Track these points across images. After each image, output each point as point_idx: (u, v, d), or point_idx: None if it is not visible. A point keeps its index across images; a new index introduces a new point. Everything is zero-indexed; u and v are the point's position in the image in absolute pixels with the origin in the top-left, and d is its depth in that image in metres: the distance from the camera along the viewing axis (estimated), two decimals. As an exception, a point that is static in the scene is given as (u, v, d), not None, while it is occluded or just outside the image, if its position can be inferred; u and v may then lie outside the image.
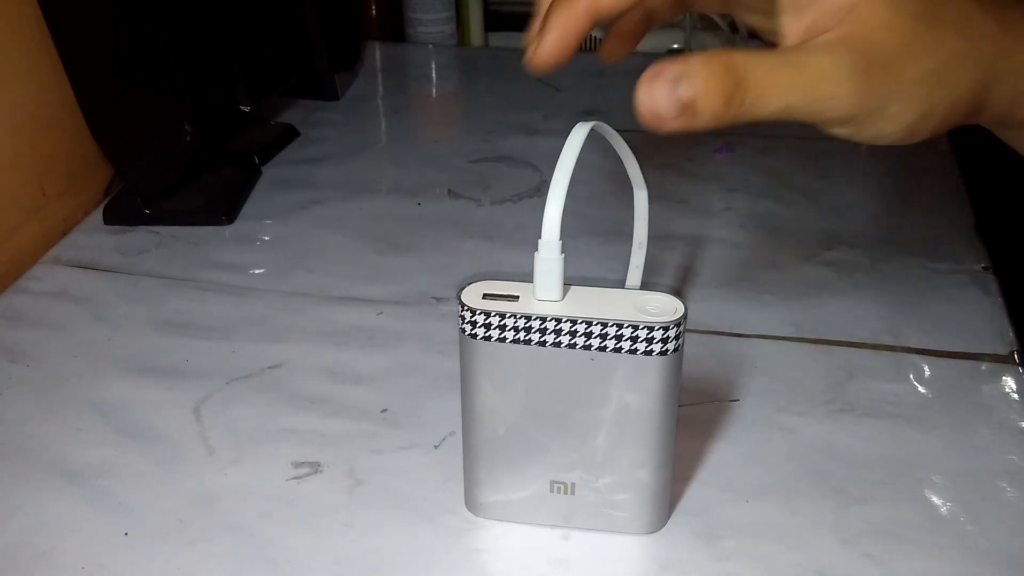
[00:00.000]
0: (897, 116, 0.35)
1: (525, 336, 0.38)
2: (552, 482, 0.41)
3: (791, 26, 0.36)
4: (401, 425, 0.49)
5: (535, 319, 0.38)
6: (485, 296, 0.39)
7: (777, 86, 0.34)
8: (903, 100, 0.35)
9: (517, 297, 0.38)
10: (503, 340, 0.38)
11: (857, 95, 0.34)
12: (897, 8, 0.35)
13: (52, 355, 0.54)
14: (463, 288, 0.39)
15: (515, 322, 0.38)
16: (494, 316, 0.38)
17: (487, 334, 0.38)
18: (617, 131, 0.39)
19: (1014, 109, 0.38)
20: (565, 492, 0.42)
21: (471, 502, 0.44)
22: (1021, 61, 0.37)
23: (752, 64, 0.34)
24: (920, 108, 0.35)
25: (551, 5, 0.37)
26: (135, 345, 0.55)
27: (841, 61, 0.34)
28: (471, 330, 0.38)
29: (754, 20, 0.40)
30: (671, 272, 0.61)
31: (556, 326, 0.38)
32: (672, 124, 0.34)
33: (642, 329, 0.37)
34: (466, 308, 0.38)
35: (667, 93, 0.33)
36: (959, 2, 0.36)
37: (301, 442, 0.48)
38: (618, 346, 0.37)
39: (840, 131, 0.36)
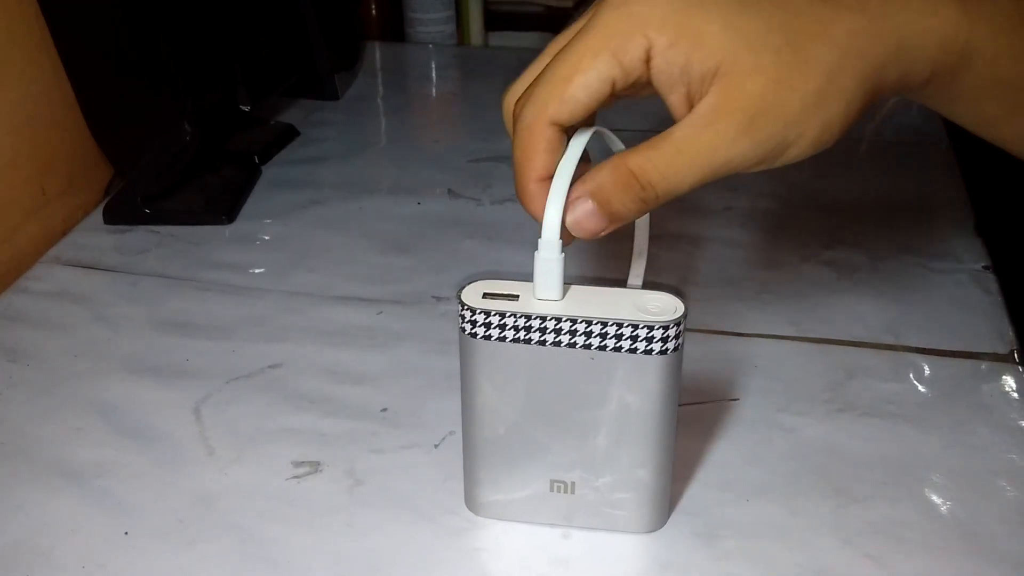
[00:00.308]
0: (799, 141, 0.37)
1: (525, 336, 0.38)
2: (552, 481, 0.41)
3: (673, 102, 0.37)
4: (401, 424, 0.49)
5: (535, 319, 0.38)
6: (485, 295, 0.39)
7: (680, 172, 0.36)
8: (798, 128, 0.36)
9: (517, 296, 0.38)
10: (503, 340, 0.38)
11: (753, 148, 0.36)
12: (756, 50, 0.35)
13: (52, 355, 0.54)
14: (463, 288, 0.39)
15: (515, 321, 0.38)
16: (494, 315, 0.38)
17: (487, 333, 0.38)
18: (616, 131, 0.39)
19: (908, 81, 0.38)
20: (565, 491, 0.42)
21: (471, 501, 0.44)
22: (896, 42, 0.37)
23: (651, 162, 0.36)
24: (817, 126, 0.36)
25: (522, 197, 0.39)
26: (135, 345, 0.55)
27: (725, 128, 0.36)
28: (471, 329, 0.38)
29: (646, 93, 0.41)
30: (671, 271, 0.61)
31: (556, 325, 0.38)
32: (605, 232, 0.38)
33: (642, 328, 0.37)
34: (466, 307, 0.38)
35: (590, 215, 0.37)
36: (813, 13, 0.36)
37: (301, 442, 0.48)
38: (618, 345, 0.37)
39: (755, 170, 0.38)
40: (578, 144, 0.37)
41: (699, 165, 0.36)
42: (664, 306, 0.38)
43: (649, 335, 0.37)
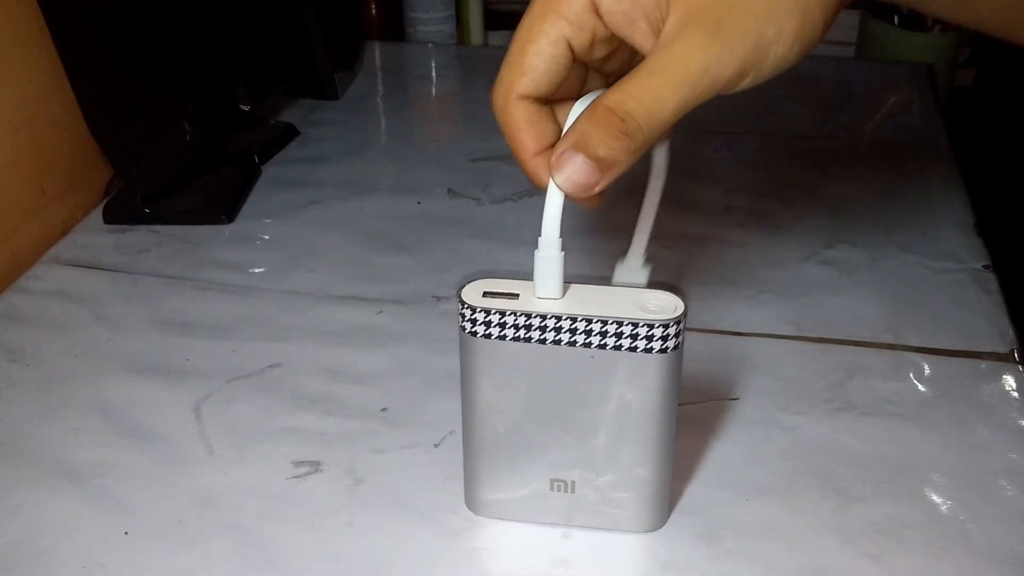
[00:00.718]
0: (781, 36, 0.34)
1: (525, 334, 0.38)
2: (552, 480, 0.41)
3: (639, 41, 0.36)
4: (401, 424, 0.49)
5: (535, 317, 0.38)
6: (485, 294, 0.39)
7: (658, 95, 0.34)
8: (774, 22, 0.34)
9: (517, 295, 0.38)
10: (503, 338, 0.38)
11: (729, 51, 0.34)
12: None
13: (52, 355, 0.54)
14: (463, 286, 0.39)
15: (515, 320, 0.38)
16: (494, 314, 0.38)
17: (487, 332, 0.38)
18: None
19: None
20: (565, 490, 0.42)
21: (471, 500, 0.44)
22: None
23: (626, 92, 0.34)
24: (795, 16, 0.34)
25: (528, 177, 0.38)
26: (135, 344, 0.55)
27: (693, 38, 0.34)
28: (471, 328, 0.38)
29: (625, 54, 0.40)
30: (671, 271, 0.61)
31: (556, 324, 0.38)
32: (601, 185, 0.36)
33: (642, 327, 0.37)
34: (466, 306, 0.38)
35: (578, 167, 0.35)
36: None
37: (301, 441, 0.48)
38: (618, 344, 0.37)
39: (745, 85, 0.35)
40: (575, 115, 0.36)
41: (676, 82, 0.34)
42: (664, 305, 0.38)
43: (649, 334, 0.37)
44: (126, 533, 0.43)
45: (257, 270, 0.63)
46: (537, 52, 0.36)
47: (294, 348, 0.55)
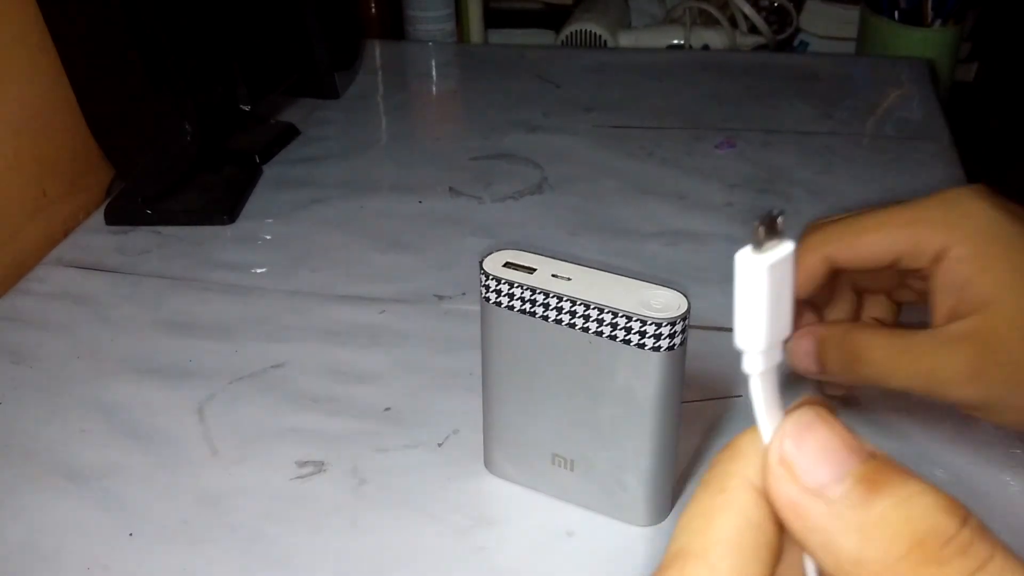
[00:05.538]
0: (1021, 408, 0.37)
1: (531, 308, 0.39)
2: (554, 455, 0.42)
3: (940, 304, 0.38)
4: (404, 424, 0.49)
5: (539, 293, 0.38)
6: (506, 264, 0.40)
7: (894, 370, 0.38)
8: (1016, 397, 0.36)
9: (534, 270, 0.39)
10: (511, 308, 0.40)
11: (974, 391, 0.37)
12: None
13: (55, 356, 0.54)
14: (490, 253, 0.41)
15: (521, 293, 0.39)
16: (503, 284, 0.39)
17: (497, 300, 0.40)
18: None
19: None
20: (565, 467, 0.42)
21: (487, 459, 0.45)
22: None
23: (872, 345, 0.38)
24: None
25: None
26: (138, 345, 0.55)
27: (960, 359, 0.36)
28: (485, 294, 0.40)
29: (918, 287, 0.43)
30: (673, 268, 0.61)
31: (558, 303, 0.38)
32: (818, 376, 0.42)
33: (636, 321, 0.37)
34: (482, 272, 0.40)
35: (805, 355, 0.41)
36: None
37: (305, 441, 0.48)
38: (613, 335, 0.38)
39: (970, 413, 0.39)
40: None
41: (916, 375, 0.38)
42: (668, 302, 0.38)
43: (649, 331, 0.37)
44: (130, 534, 0.43)
45: (259, 270, 0.63)
46: (874, 243, 0.40)
47: (297, 348, 0.55)
